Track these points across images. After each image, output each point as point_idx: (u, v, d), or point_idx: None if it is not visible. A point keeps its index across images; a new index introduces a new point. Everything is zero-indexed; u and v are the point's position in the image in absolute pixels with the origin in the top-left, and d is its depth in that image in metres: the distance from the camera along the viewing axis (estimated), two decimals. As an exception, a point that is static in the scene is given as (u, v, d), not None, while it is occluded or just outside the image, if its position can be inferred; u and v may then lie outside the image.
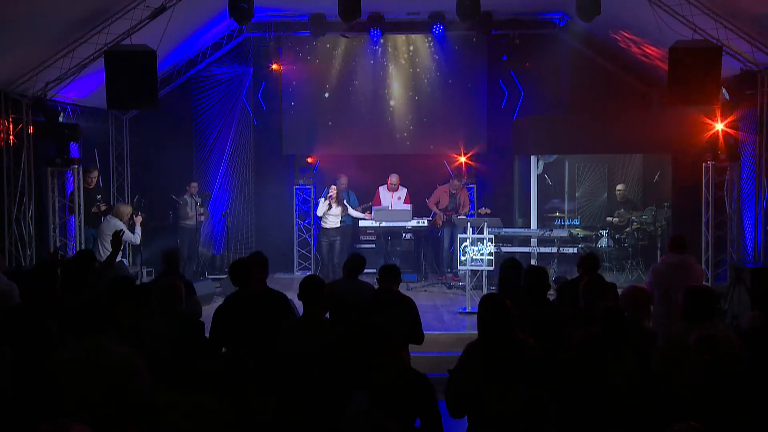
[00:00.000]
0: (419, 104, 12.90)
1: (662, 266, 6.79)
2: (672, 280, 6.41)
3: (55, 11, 8.12)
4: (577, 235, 11.25)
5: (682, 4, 8.36)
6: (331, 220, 11.49)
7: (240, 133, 12.87)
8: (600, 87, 12.11)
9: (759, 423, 3.55)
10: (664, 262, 6.85)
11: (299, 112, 12.92)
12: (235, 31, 12.26)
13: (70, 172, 10.20)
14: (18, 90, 9.10)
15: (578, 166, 12.88)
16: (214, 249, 12.85)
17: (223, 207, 12.67)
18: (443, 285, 11.53)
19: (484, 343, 4.18)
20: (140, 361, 3.99)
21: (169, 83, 12.32)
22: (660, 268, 6.78)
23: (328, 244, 11.58)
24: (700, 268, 6.70)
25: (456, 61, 12.79)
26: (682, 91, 8.51)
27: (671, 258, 6.73)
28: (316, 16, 11.27)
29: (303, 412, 4.34)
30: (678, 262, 6.62)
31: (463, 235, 10.06)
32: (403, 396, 3.71)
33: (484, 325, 4.18)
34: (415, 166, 12.81)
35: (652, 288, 6.65)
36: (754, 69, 8.90)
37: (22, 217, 9.31)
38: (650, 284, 6.69)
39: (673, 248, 6.78)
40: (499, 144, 12.76)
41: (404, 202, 12.11)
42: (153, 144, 12.36)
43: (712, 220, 10.04)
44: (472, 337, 4.41)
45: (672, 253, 6.76)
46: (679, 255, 6.69)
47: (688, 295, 4.71)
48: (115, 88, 8.56)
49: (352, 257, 6.31)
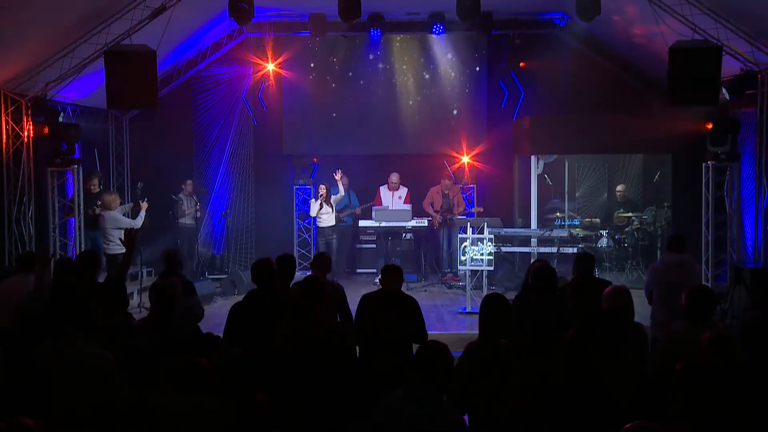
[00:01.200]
0: (419, 104, 12.91)
1: (661, 266, 6.79)
2: (671, 279, 6.41)
3: (55, 11, 8.12)
4: (577, 235, 11.25)
5: (682, 4, 8.36)
6: (326, 218, 11.50)
7: (240, 133, 12.87)
8: (600, 87, 12.11)
9: (759, 423, 3.55)
10: (663, 262, 6.85)
11: (299, 112, 12.92)
12: (235, 31, 12.26)
13: (70, 172, 10.20)
14: (18, 90, 9.11)
15: (578, 166, 12.88)
16: (214, 249, 12.85)
17: (223, 207, 12.67)
18: (443, 285, 11.53)
19: (485, 342, 4.18)
20: (113, 361, 3.99)
21: (169, 83, 12.32)
22: (659, 267, 6.77)
23: (324, 243, 11.59)
24: (698, 267, 6.71)
25: (456, 61, 12.79)
26: (682, 91, 8.51)
27: (670, 257, 6.73)
28: (316, 16, 11.27)
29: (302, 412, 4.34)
30: (677, 262, 6.62)
31: (463, 235, 10.06)
32: None
33: (486, 324, 4.18)
34: (415, 166, 12.81)
35: (650, 287, 6.66)
36: (754, 69, 8.89)
37: (22, 217, 9.31)
38: (649, 284, 6.69)
39: (672, 248, 6.79)
40: (499, 144, 12.76)
41: (405, 201, 12.10)
42: (153, 144, 12.36)
43: (712, 220, 10.04)
44: (472, 337, 4.41)
45: (671, 253, 6.77)
46: (678, 255, 6.69)
47: (691, 294, 4.71)
48: (115, 88, 8.56)
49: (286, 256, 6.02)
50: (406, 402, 3.43)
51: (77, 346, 3.95)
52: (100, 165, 11.84)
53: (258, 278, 5.34)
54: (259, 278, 5.33)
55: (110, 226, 9.49)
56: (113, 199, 9.71)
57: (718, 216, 10.14)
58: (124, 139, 12.67)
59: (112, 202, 9.64)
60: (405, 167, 12.48)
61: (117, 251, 9.14)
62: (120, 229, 9.13)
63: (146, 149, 12.45)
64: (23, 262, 6.58)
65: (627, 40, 11.44)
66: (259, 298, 5.31)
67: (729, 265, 9.61)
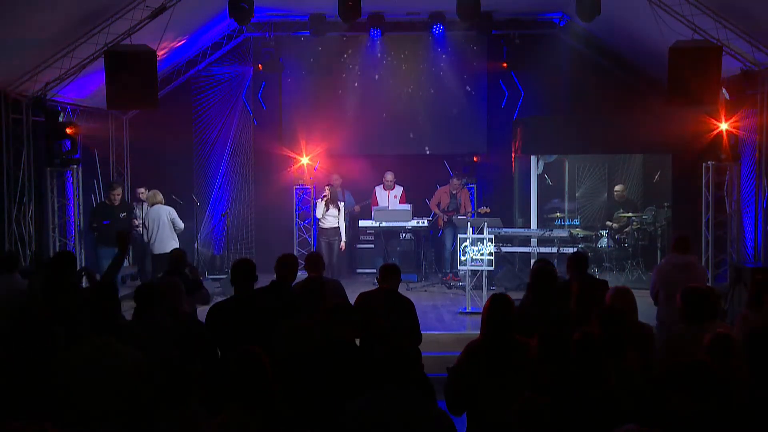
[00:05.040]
0: (419, 104, 12.90)
1: (666, 266, 6.79)
2: (676, 280, 6.40)
3: (55, 11, 8.12)
4: (577, 235, 11.25)
5: (682, 4, 8.36)
6: (329, 220, 11.48)
7: (240, 133, 12.87)
8: (600, 87, 12.12)
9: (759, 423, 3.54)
10: (668, 263, 6.84)
11: (299, 112, 12.92)
12: (235, 31, 12.26)
13: (70, 172, 10.20)
14: (18, 90, 9.10)
15: (578, 166, 12.88)
16: (214, 249, 12.85)
17: (223, 207, 12.67)
18: (443, 285, 11.53)
19: (486, 342, 4.18)
20: (147, 364, 3.99)
21: (169, 83, 12.32)
22: (664, 268, 6.77)
23: (326, 244, 11.56)
24: (703, 269, 6.73)
25: (456, 61, 12.79)
26: (682, 91, 8.51)
27: (675, 259, 6.73)
28: (316, 16, 11.27)
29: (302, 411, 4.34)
30: (682, 263, 6.62)
31: (463, 235, 10.06)
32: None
33: (488, 324, 4.18)
34: (415, 166, 12.82)
35: (657, 288, 6.66)
36: (754, 69, 8.89)
37: (22, 217, 9.30)
38: (655, 284, 6.69)
39: (677, 249, 6.78)
40: (499, 144, 12.77)
41: (400, 200, 12.09)
42: (153, 144, 12.35)
43: (712, 220, 10.05)
44: (472, 337, 4.41)
45: (676, 254, 6.76)
46: (683, 255, 6.69)
47: (685, 295, 4.71)
48: (115, 88, 8.56)
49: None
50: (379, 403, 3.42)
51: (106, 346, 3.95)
52: (100, 165, 11.83)
53: (235, 278, 5.28)
54: (236, 278, 5.27)
55: (168, 219, 9.81)
56: (157, 193, 9.91)
57: (718, 216, 10.14)
58: (124, 139, 12.66)
59: (157, 195, 9.89)
60: (404, 167, 12.48)
61: (166, 249, 9.07)
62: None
63: (146, 149, 12.45)
64: (6, 262, 6.61)
65: (627, 41, 11.44)
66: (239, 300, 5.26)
67: (729, 265, 9.62)
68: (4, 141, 9.08)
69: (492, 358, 4.08)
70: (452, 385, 4.18)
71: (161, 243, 9.77)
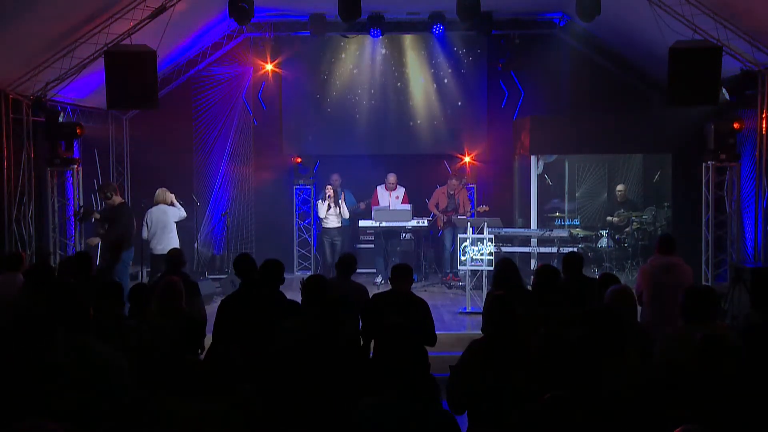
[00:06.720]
0: (419, 104, 12.90)
1: (650, 267, 6.68)
2: (661, 280, 6.38)
3: (55, 11, 8.12)
4: (577, 235, 11.25)
5: (682, 4, 8.36)
6: (332, 220, 11.49)
7: (240, 133, 12.86)
8: (600, 87, 12.12)
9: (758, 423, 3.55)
10: (652, 264, 6.73)
11: (299, 112, 12.92)
12: (235, 31, 12.26)
13: (70, 172, 10.19)
14: (18, 90, 9.10)
15: (578, 166, 12.88)
16: (214, 249, 12.85)
17: (223, 207, 12.67)
18: (443, 285, 11.53)
19: (489, 341, 4.19)
20: (124, 361, 3.99)
21: (169, 83, 12.31)
22: (648, 269, 6.69)
23: (329, 243, 11.57)
24: (689, 269, 6.65)
25: (456, 61, 12.79)
26: (682, 91, 8.50)
27: (659, 259, 6.64)
28: (316, 16, 11.27)
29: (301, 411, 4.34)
30: (666, 263, 6.55)
31: (463, 235, 10.05)
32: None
33: (491, 323, 4.18)
34: (415, 166, 12.82)
35: (640, 289, 6.63)
36: (754, 69, 8.89)
37: (22, 217, 9.30)
38: (639, 285, 6.65)
39: (662, 250, 6.72)
40: (499, 144, 12.77)
41: (402, 201, 12.09)
42: (153, 144, 12.35)
43: (712, 220, 10.04)
44: (472, 337, 4.42)
45: (659, 255, 6.70)
46: (667, 256, 6.62)
47: (688, 295, 4.70)
48: (115, 88, 8.55)
49: (346, 257, 6.33)
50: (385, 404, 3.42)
51: (88, 345, 3.94)
52: (100, 165, 11.83)
53: (240, 272, 5.54)
54: (240, 271, 5.53)
55: (173, 219, 9.74)
56: (167, 192, 9.86)
57: (718, 216, 10.14)
58: (124, 139, 12.66)
59: (168, 194, 9.80)
60: (405, 167, 12.47)
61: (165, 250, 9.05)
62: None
63: (146, 149, 12.44)
64: (11, 262, 6.63)
65: (627, 41, 11.44)
66: (245, 294, 5.39)
67: (729, 265, 9.61)
68: (4, 141, 9.07)
69: (494, 357, 4.08)
70: (454, 383, 4.18)
71: (161, 243, 9.75)
